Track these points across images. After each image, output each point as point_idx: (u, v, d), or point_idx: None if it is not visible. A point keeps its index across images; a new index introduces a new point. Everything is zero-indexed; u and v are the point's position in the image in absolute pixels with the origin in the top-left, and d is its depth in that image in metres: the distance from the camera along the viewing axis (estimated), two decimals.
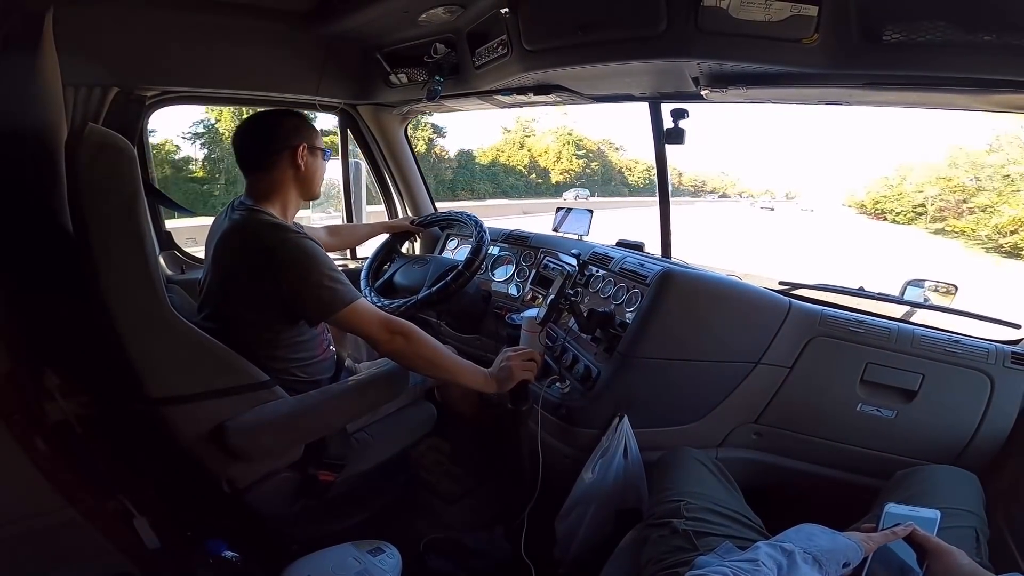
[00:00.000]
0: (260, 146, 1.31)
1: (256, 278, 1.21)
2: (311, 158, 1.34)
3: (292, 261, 1.20)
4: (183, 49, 1.68)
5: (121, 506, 1.07)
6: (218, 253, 1.27)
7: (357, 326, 1.26)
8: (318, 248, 1.24)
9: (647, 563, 0.99)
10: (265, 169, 1.30)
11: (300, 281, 1.19)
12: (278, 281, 1.19)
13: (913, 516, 0.86)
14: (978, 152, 15.55)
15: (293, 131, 1.32)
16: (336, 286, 1.21)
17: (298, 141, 1.31)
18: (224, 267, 1.26)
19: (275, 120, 1.34)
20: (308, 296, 1.20)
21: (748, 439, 1.39)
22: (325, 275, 1.20)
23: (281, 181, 1.32)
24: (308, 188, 1.37)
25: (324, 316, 1.26)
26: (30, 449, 0.87)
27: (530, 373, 1.33)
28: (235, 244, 1.25)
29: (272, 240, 1.21)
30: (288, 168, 1.31)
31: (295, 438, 1.25)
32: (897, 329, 1.31)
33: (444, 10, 1.58)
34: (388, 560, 1.22)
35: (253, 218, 1.26)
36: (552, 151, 28.60)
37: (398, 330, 1.25)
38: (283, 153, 1.30)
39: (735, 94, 1.43)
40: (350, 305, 1.22)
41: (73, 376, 1.05)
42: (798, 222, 25.47)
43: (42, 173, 1.06)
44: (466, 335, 2.05)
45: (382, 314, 1.28)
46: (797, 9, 1.11)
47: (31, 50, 0.98)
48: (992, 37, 1.01)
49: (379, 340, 1.26)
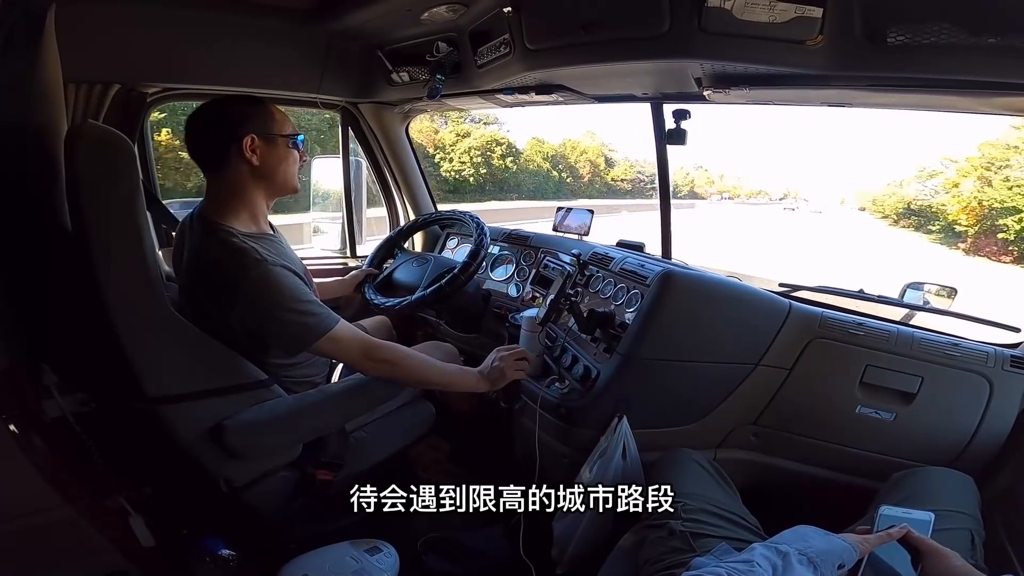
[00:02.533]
0: (206, 143, 1.18)
1: (224, 310, 1.14)
2: (266, 148, 1.18)
3: (253, 297, 1.11)
4: (184, 46, 1.67)
5: (118, 504, 1.07)
6: (184, 275, 1.21)
7: (336, 354, 1.23)
8: (283, 276, 1.13)
9: (644, 563, 0.99)
10: (217, 169, 1.19)
11: (266, 316, 1.12)
12: (243, 316, 1.13)
13: (907, 518, 0.86)
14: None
15: (239, 120, 1.16)
16: (306, 318, 1.13)
17: (245, 131, 1.15)
18: (191, 292, 1.21)
19: (219, 110, 1.19)
20: (277, 331, 1.15)
21: (746, 440, 1.39)
22: (292, 308, 1.12)
23: (237, 182, 1.19)
24: (272, 184, 1.23)
25: (296, 349, 1.20)
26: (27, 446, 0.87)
27: (522, 372, 1.32)
28: (196, 271, 1.18)
29: (232, 273, 1.11)
30: (240, 165, 1.17)
31: (293, 437, 1.25)
32: (897, 332, 1.30)
33: (446, 9, 1.57)
34: (386, 559, 1.22)
35: (212, 240, 1.15)
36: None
37: (381, 358, 1.22)
38: (230, 147, 1.16)
39: (738, 95, 1.43)
40: (325, 335, 1.14)
41: (71, 373, 1.05)
42: (811, 224, 25.38)
43: (42, 170, 1.05)
44: (466, 334, 2.04)
45: (364, 341, 1.22)
46: (801, 10, 1.10)
47: (32, 46, 0.98)
48: (997, 40, 1.00)
49: (363, 367, 1.23)
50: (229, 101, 1.23)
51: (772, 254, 12.85)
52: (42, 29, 0.99)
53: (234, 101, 1.22)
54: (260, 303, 1.11)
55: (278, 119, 1.23)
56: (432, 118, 13.06)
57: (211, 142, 1.18)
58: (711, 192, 33.00)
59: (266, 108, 1.23)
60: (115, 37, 1.54)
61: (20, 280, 0.98)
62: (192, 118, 1.19)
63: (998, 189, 12.91)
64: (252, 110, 1.20)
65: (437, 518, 1.62)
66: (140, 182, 1.02)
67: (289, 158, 1.25)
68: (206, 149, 1.20)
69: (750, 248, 12.73)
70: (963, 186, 14.33)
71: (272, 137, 1.20)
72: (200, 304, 1.19)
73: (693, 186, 28.20)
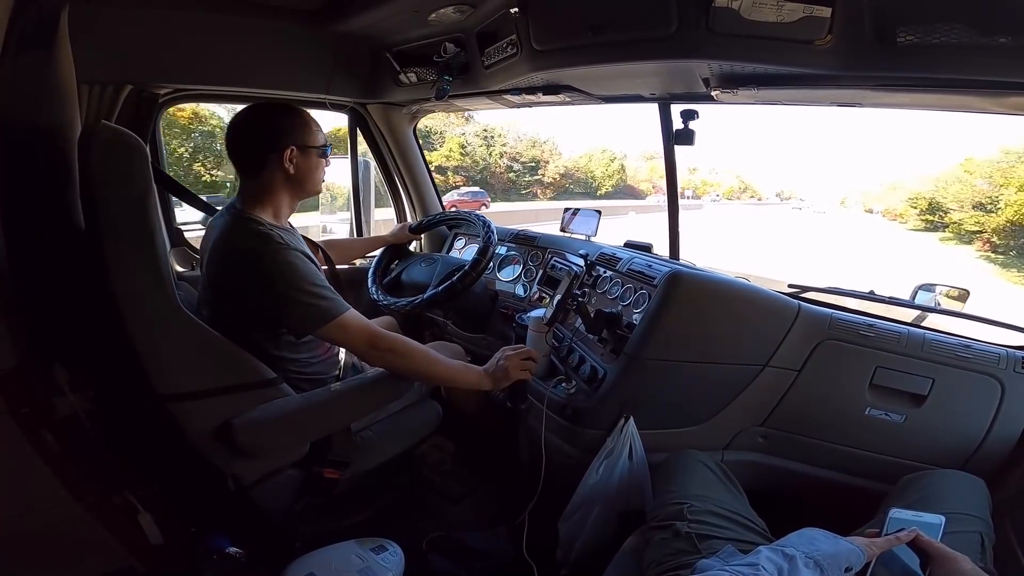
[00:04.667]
0: (248, 149, 1.26)
1: (242, 291, 1.19)
2: (303, 159, 1.27)
3: (274, 275, 1.16)
4: (195, 47, 1.69)
5: (126, 502, 1.08)
6: (208, 261, 1.25)
7: (343, 341, 1.24)
8: (302, 260, 1.19)
9: (649, 565, 0.98)
10: (254, 172, 1.26)
11: (281, 296, 1.16)
12: (261, 295, 1.17)
13: (917, 521, 0.86)
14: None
15: (282, 132, 1.25)
16: (318, 301, 1.18)
17: (287, 143, 1.24)
18: (212, 277, 1.25)
19: (264, 120, 1.26)
20: (289, 311, 1.18)
21: (754, 442, 1.38)
22: (306, 290, 1.17)
23: (271, 184, 1.26)
24: (302, 189, 1.32)
25: (306, 331, 1.23)
26: (37, 444, 0.88)
27: (527, 373, 1.33)
28: (221, 255, 1.22)
29: (255, 252, 1.17)
30: (277, 172, 1.25)
31: (301, 436, 1.26)
32: (907, 333, 1.29)
33: (454, 10, 1.58)
34: (391, 558, 1.22)
35: (240, 227, 1.22)
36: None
37: (387, 347, 1.23)
38: (271, 156, 1.24)
39: (746, 95, 1.43)
40: (334, 320, 1.18)
41: (82, 371, 1.06)
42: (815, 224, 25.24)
43: (55, 169, 1.07)
44: (473, 334, 2.05)
45: (371, 329, 1.23)
46: (810, 10, 1.10)
47: (46, 47, 0.99)
48: (1008, 39, 0.99)
49: (368, 356, 1.25)
50: (272, 110, 1.28)
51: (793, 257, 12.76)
52: (56, 30, 1.00)
53: (277, 111, 1.28)
54: (280, 282, 1.16)
55: (314, 130, 1.30)
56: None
57: (252, 148, 1.25)
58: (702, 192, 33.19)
59: (304, 120, 1.29)
60: (127, 38, 1.56)
61: (33, 278, 0.99)
62: (236, 124, 1.26)
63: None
64: (294, 122, 1.27)
65: (442, 518, 1.63)
66: (152, 182, 1.03)
67: (319, 167, 1.33)
68: (247, 154, 1.26)
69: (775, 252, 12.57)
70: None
71: (309, 148, 1.28)
72: (219, 292, 1.23)
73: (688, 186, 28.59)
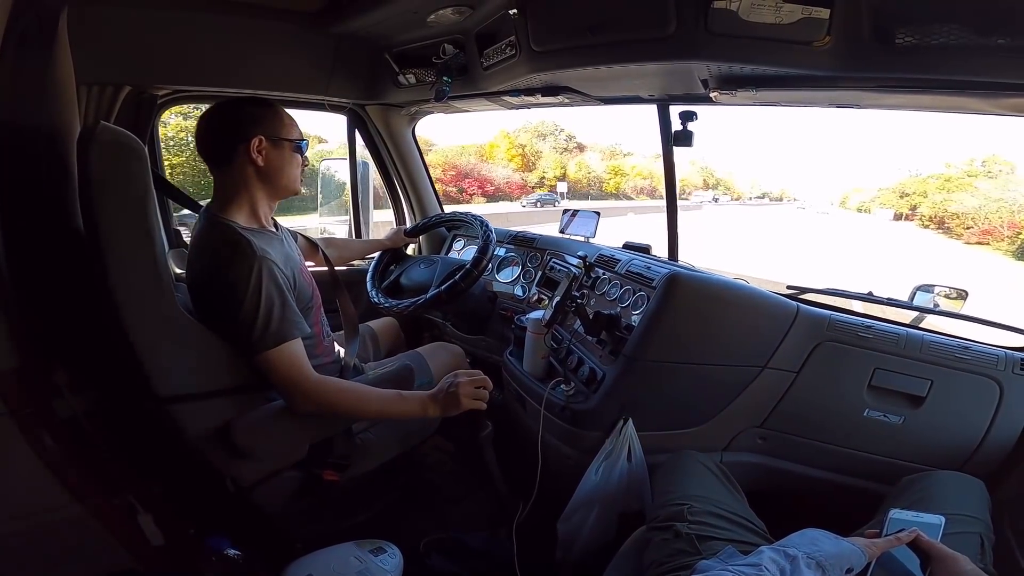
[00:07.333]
0: (214, 139, 1.21)
1: (211, 297, 1.15)
2: (273, 151, 1.22)
3: (236, 283, 1.11)
4: (194, 49, 1.70)
5: (126, 503, 1.08)
6: (188, 265, 1.23)
7: (272, 374, 1.15)
8: (266, 275, 1.13)
9: (649, 566, 0.98)
10: (223, 165, 1.21)
11: (232, 311, 1.12)
12: (222, 304, 1.13)
13: (917, 522, 0.86)
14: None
15: (250, 121, 1.19)
16: (265, 325, 1.12)
17: (254, 132, 1.19)
18: (189, 281, 1.22)
19: (231, 110, 1.21)
20: (240, 327, 1.12)
21: (753, 443, 1.38)
22: (259, 311, 1.11)
23: (242, 179, 1.21)
24: (274, 186, 1.25)
25: (250, 353, 1.14)
26: (37, 445, 0.88)
27: (480, 404, 1.25)
28: (194, 259, 1.20)
29: (219, 260, 1.13)
30: (246, 164, 1.20)
31: (300, 437, 1.26)
32: (906, 334, 1.29)
33: (453, 11, 1.58)
34: (390, 560, 1.22)
35: (211, 232, 1.18)
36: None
37: (313, 400, 1.16)
38: (238, 147, 1.19)
39: (744, 96, 1.43)
40: (273, 348, 1.13)
41: (81, 373, 1.06)
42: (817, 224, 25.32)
43: (54, 170, 1.07)
44: (472, 336, 2.05)
45: (304, 374, 1.16)
46: (808, 11, 1.10)
47: (46, 48, 0.99)
48: (1006, 40, 1.00)
49: (290, 401, 1.17)
50: (241, 102, 1.25)
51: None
52: (55, 31, 1.01)
53: (246, 102, 1.25)
54: (232, 298, 1.12)
55: (286, 123, 1.26)
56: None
57: (220, 139, 1.21)
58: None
59: (276, 112, 1.25)
60: (127, 40, 1.56)
61: (32, 279, 0.99)
62: (204, 115, 1.22)
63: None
64: (262, 112, 1.23)
65: (442, 518, 1.63)
66: (151, 183, 1.03)
67: (293, 162, 1.28)
68: (214, 145, 1.22)
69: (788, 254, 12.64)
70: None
71: (279, 140, 1.23)
72: (203, 298, 1.20)
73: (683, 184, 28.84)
